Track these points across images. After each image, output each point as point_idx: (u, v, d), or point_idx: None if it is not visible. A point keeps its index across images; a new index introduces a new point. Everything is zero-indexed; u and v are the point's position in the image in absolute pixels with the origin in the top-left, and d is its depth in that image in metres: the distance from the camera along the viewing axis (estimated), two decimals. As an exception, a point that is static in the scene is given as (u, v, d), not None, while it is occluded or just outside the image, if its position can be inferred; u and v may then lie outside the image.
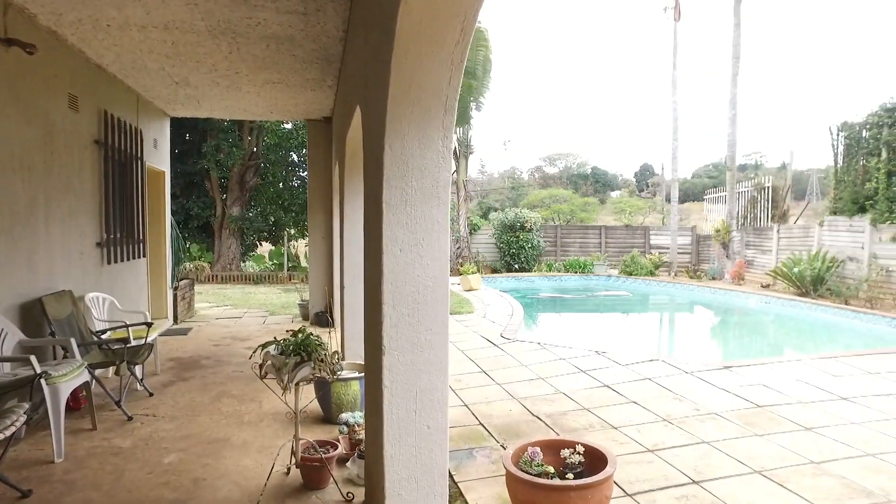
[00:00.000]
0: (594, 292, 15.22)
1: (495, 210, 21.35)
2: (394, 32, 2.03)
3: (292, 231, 17.86)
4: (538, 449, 2.92)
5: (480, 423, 4.40)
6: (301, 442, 3.42)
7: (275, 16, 4.51)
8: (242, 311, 10.24)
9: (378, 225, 2.34)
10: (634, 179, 43.47)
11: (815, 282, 11.92)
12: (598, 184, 39.47)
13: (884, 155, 12.07)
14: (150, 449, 3.86)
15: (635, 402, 4.86)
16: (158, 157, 8.26)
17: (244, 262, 18.13)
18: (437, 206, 2.32)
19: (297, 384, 3.22)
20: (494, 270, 17.78)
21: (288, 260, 17.49)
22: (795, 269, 12.20)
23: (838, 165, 13.50)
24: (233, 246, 17.27)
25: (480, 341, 7.41)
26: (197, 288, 12.58)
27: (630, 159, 77.11)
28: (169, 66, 5.87)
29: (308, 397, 4.57)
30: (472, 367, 6.10)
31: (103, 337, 4.94)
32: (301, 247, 18.23)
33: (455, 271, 16.61)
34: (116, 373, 4.44)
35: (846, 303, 11.00)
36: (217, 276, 16.19)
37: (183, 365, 6.21)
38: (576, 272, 16.99)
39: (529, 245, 17.68)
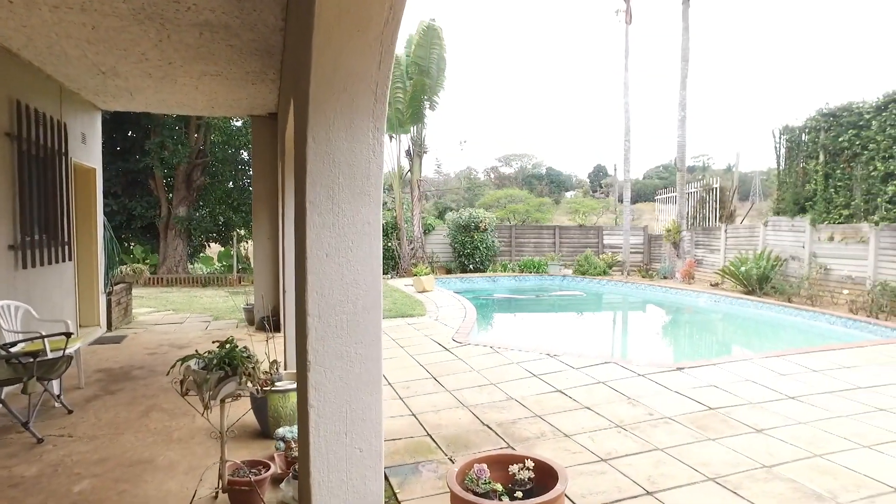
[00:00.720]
0: (548, 292, 15.24)
1: (451, 210, 21.18)
2: (313, 9, 1.79)
3: (242, 232, 17.23)
4: (485, 466, 2.73)
5: (428, 434, 4.19)
6: (228, 464, 3.13)
7: (205, 1, 4.17)
8: (184, 317, 9.72)
9: (302, 227, 2.09)
10: (588, 180, 44.26)
11: (760, 280, 12.25)
12: (552, 184, 39.97)
13: (821, 158, 12.51)
14: (59, 476, 3.47)
15: (588, 408, 4.75)
16: (88, 152, 7.70)
17: (192, 263, 17.36)
18: (367, 206, 2.08)
19: (222, 401, 2.93)
20: (449, 271, 17.61)
21: (238, 261, 16.85)
22: (742, 269, 12.51)
23: (780, 167, 13.92)
24: (179, 247, 16.50)
25: (431, 345, 7.19)
26: (138, 292, 11.90)
27: (584, 160, 78.68)
28: (92, 54, 5.41)
29: (245, 408, 4.27)
30: (422, 373, 5.88)
31: (13, 350, 4.47)
32: (252, 248, 17.60)
33: (408, 272, 16.34)
34: (24, 391, 3.99)
35: (789, 300, 11.33)
36: (162, 278, 15.43)
37: (112, 376, 5.76)
38: (530, 272, 16.97)
39: (484, 245, 17.59)
